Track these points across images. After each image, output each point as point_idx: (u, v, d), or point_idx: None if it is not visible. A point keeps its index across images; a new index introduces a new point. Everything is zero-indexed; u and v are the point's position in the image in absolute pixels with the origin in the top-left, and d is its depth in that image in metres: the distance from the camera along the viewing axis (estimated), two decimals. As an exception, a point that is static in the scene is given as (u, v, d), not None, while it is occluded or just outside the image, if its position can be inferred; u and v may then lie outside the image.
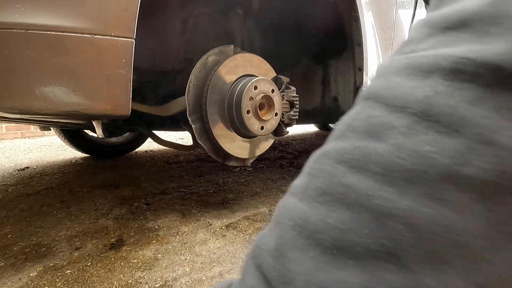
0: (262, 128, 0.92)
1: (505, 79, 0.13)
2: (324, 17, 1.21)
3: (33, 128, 3.26)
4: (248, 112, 0.88)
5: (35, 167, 1.77)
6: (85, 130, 1.90)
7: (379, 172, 0.15)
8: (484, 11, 0.15)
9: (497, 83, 0.13)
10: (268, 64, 1.00)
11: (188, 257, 0.75)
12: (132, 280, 0.65)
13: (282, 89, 1.01)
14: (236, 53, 0.93)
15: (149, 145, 2.51)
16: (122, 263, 0.72)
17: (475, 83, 0.14)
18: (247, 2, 1.10)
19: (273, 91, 0.93)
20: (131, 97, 0.63)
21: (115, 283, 0.64)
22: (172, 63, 1.11)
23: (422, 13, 1.62)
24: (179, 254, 0.77)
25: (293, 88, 1.04)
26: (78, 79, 0.58)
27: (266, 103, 0.93)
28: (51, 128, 1.84)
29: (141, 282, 0.65)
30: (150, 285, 0.64)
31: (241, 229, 0.91)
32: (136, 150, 2.26)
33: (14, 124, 3.12)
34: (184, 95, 0.85)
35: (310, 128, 4.06)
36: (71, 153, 2.21)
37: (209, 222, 0.96)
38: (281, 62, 1.44)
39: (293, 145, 2.59)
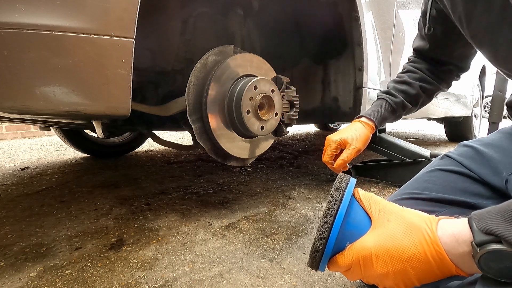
0: (262, 128, 0.92)
1: None
2: (324, 17, 1.21)
3: (33, 128, 3.26)
4: (248, 112, 0.88)
5: (35, 167, 1.77)
6: (85, 130, 1.90)
7: None
8: None
9: None
10: (268, 64, 1.00)
11: (188, 257, 0.75)
12: (132, 280, 0.65)
13: (282, 89, 1.01)
14: (236, 53, 0.93)
15: (149, 145, 2.51)
16: (122, 263, 0.72)
17: None
18: (247, 2, 1.10)
19: (273, 91, 0.93)
20: (131, 97, 0.63)
21: (115, 283, 0.64)
22: (172, 63, 1.11)
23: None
24: (179, 254, 0.77)
25: (293, 88, 1.04)
26: (78, 79, 0.58)
27: (266, 103, 0.93)
28: (51, 128, 1.84)
29: (141, 282, 0.65)
30: (150, 285, 0.64)
31: (241, 229, 0.91)
32: (136, 150, 2.26)
33: (14, 124, 3.12)
34: (184, 95, 0.85)
35: (310, 128, 4.06)
36: (71, 153, 2.21)
37: (209, 222, 0.96)
38: (281, 62, 1.44)
39: (293, 145, 2.59)
